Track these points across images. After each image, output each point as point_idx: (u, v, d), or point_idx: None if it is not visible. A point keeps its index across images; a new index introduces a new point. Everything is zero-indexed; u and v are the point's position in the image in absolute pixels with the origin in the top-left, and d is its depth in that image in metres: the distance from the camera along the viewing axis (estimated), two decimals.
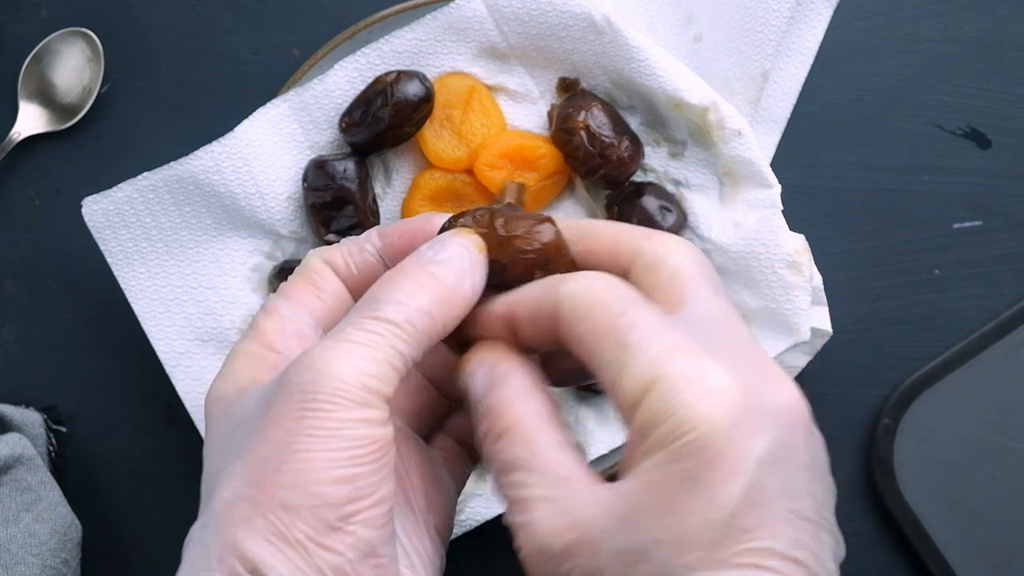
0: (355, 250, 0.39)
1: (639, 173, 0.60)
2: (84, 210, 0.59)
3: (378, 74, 0.58)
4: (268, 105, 0.59)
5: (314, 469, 0.32)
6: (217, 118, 0.61)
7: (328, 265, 0.39)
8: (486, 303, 0.37)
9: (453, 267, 0.36)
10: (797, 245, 0.57)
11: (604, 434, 0.58)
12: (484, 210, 0.38)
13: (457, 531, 0.58)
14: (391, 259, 0.39)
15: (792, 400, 0.31)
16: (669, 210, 0.58)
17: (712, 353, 0.31)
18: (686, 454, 0.29)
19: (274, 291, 0.47)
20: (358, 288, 0.39)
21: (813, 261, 0.57)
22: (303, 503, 0.32)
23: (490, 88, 0.61)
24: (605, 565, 0.31)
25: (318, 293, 0.39)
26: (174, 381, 0.59)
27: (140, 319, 0.59)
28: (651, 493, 0.30)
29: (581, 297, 0.34)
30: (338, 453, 0.32)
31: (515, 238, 0.37)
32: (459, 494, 0.41)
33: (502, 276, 0.37)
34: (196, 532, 0.34)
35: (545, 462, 0.33)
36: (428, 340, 0.35)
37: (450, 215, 0.39)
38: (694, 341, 0.32)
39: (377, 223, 0.60)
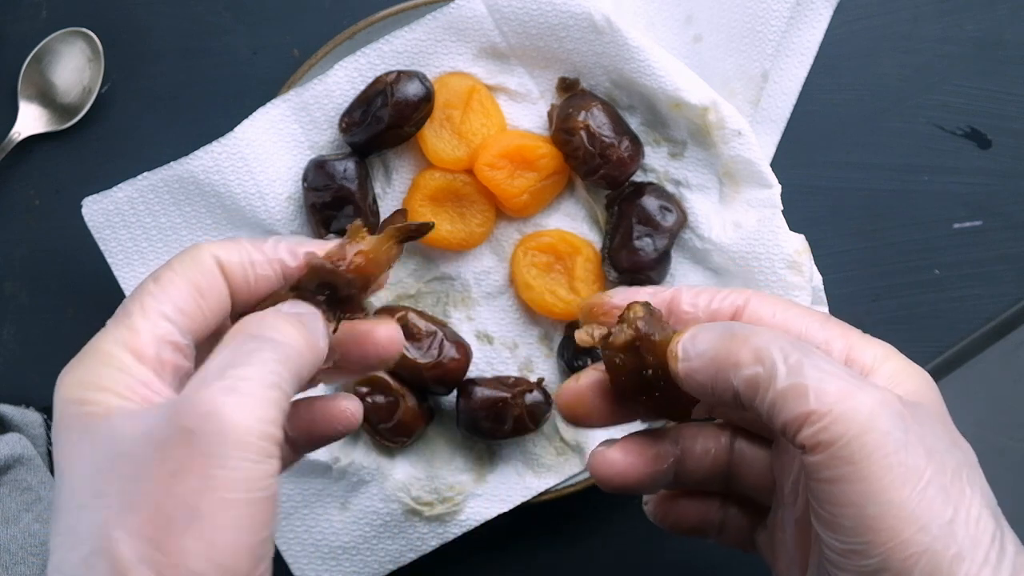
0: (260, 262, 0.37)
1: (639, 173, 0.60)
2: (84, 210, 0.59)
3: (378, 74, 0.58)
4: (268, 105, 0.59)
5: (226, 540, 0.30)
6: (217, 118, 0.61)
7: (221, 269, 0.36)
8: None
9: (319, 323, 0.36)
10: (797, 245, 0.57)
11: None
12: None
13: (457, 531, 0.58)
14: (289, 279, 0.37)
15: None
16: (669, 210, 0.58)
17: None
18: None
19: None
20: (246, 300, 0.37)
21: (813, 261, 0.57)
22: (210, 573, 0.30)
23: (490, 88, 0.61)
24: None
25: (200, 301, 0.35)
26: None
27: None
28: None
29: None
30: (249, 520, 0.30)
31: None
32: None
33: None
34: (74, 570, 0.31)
35: None
36: (300, 382, 0.34)
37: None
38: None
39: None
